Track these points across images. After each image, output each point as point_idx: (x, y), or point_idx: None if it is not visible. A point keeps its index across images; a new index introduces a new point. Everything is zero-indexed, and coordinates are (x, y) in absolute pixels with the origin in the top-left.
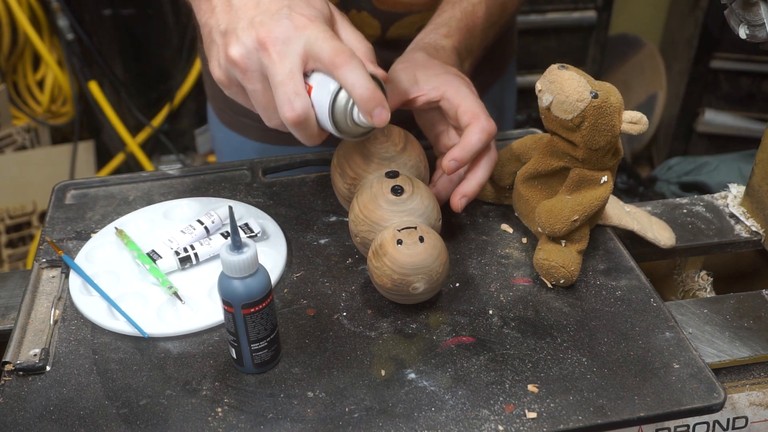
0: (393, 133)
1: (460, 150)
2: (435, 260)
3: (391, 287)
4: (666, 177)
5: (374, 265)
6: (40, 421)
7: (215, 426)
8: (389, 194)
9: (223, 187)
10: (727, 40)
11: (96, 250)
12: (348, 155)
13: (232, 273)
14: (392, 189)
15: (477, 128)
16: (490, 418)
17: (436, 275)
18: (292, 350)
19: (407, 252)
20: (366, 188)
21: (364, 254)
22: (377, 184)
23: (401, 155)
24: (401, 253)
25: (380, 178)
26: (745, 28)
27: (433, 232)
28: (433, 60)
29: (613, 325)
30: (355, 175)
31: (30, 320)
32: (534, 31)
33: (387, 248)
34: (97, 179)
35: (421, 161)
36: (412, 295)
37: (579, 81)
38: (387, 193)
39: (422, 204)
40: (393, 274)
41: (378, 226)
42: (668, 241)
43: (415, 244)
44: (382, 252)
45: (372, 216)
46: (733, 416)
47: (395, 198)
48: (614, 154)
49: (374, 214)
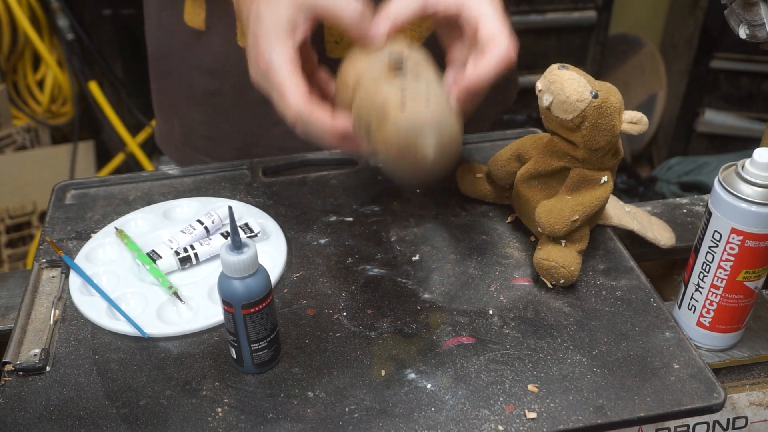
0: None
1: (474, 79)
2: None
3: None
4: (666, 177)
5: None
6: (40, 421)
7: (215, 426)
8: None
9: (223, 187)
10: (727, 40)
11: (96, 250)
12: (347, 64)
13: (232, 273)
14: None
15: (494, 56)
16: (490, 418)
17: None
18: (292, 350)
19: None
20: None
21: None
22: (378, 69)
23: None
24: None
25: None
26: (745, 28)
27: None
28: None
29: (613, 325)
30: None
31: (30, 320)
32: (534, 31)
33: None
34: (97, 179)
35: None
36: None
37: (579, 81)
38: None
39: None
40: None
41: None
42: (668, 241)
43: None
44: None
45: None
46: (733, 416)
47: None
48: (614, 154)
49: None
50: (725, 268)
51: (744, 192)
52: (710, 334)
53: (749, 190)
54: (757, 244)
